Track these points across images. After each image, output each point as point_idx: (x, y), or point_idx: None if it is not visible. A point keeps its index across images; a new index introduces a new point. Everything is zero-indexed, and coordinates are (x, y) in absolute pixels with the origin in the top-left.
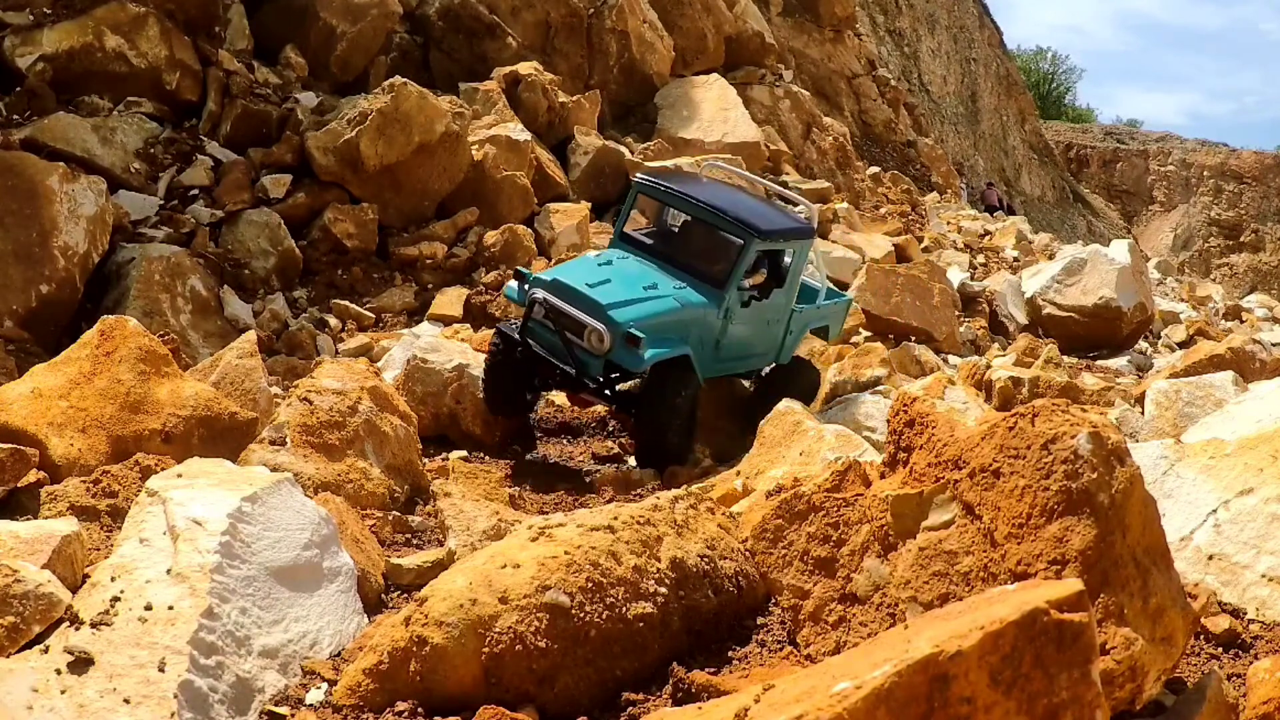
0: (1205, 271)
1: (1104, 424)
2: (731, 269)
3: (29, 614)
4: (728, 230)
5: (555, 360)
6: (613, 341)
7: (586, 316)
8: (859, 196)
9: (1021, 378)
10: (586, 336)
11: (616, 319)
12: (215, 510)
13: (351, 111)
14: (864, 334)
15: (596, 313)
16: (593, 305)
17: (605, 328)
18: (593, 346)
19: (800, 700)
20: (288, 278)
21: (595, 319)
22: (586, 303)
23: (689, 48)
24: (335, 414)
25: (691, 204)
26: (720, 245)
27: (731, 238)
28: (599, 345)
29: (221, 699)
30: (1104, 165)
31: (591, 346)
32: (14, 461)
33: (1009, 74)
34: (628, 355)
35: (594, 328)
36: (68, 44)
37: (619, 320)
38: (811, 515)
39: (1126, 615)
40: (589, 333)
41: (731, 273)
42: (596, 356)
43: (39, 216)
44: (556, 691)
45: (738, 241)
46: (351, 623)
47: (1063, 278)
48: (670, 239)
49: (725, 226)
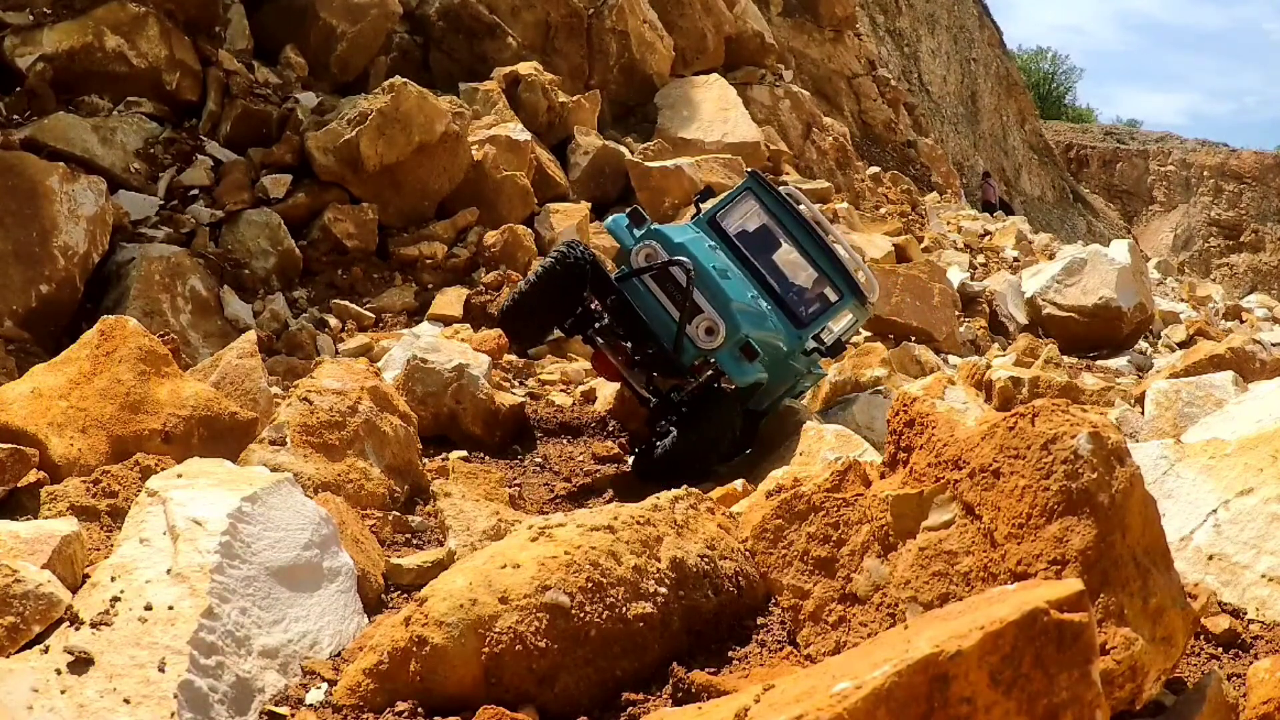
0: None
1: (1104, 424)
2: (821, 317)
3: (29, 614)
4: (833, 277)
5: (649, 326)
6: (724, 343)
7: (708, 305)
8: (859, 196)
9: (1021, 378)
10: (697, 323)
11: (740, 323)
12: (215, 510)
13: (351, 111)
14: (864, 334)
15: (722, 306)
16: (720, 296)
17: (725, 325)
18: (697, 336)
19: (800, 700)
20: (288, 278)
21: (718, 312)
22: (712, 290)
23: (689, 48)
24: (335, 414)
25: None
26: (817, 287)
27: (833, 286)
28: (706, 339)
29: (221, 699)
30: (1104, 165)
31: (696, 335)
32: (14, 461)
33: (1009, 74)
34: (734, 363)
35: (713, 321)
36: (68, 44)
37: (740, 324)
38: (811, 515)
39: (1126, 615)
40: (702, 321)
41: (819, 320)
42: (697, 348)
43: (39, 216)
44: (556, 691)
45: (836, 296)
46: (351, 623)
47: (1063, 278)
48: (761, 249)
49: (830, 273)
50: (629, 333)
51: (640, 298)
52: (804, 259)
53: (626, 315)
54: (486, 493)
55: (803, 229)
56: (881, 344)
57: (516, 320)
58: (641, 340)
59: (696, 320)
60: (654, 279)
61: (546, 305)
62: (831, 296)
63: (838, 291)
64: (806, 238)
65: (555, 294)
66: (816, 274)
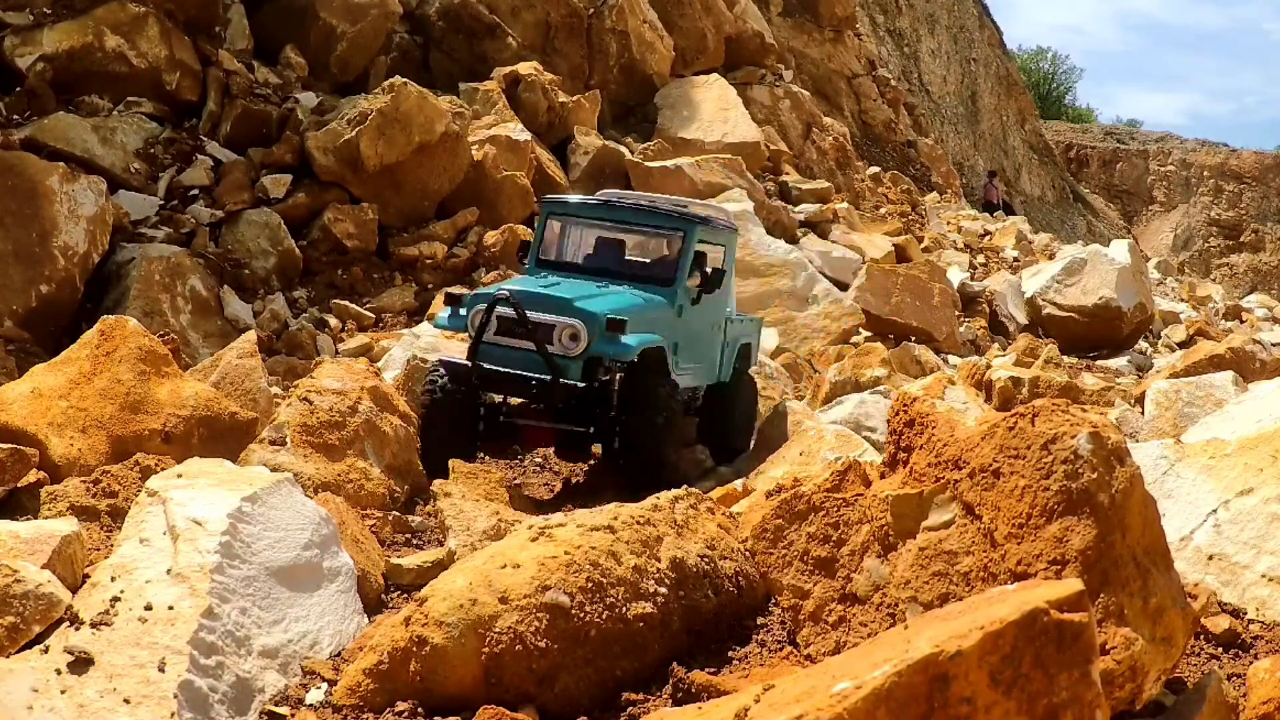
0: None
1: (1104, 424)
2: (677, 262)
3: (29, 614)
4: (665, 225)
5: (526, 373)
6: (590, 335)
7: (555, 316)
8: (859, 196)
9: (1021, 378)
10: (557, 337)
11: (590, 309)
12: (215, 510)
13: (351, 111)
14: (864, 334)
15: (565, 309)
16: (558, 303)
17: (579, 321)
18: (565, 347)
19: (800, 700)
20: (288, 278)
21: (565, 316)
22: (549, 303)
23: (689, 48)
24: (335, 414)
25: (619, 210)
26: (658, 243)
27: (671, 231)
28: (572, 345)
29: (221, 699)
30: (1104, 165)
31: (564, 348)
32: (14, 461)
33: (1009, 74)
34: (611, 344)
35: (565, 324)
36: (68, 44)
37: (593, 310)
38: (811, 515)
39: (1126, 615)
40: (560, 331)
41: (678, 265)
42: (572, 359)
43: (39, 216)
44: (556, 691)
45: (678, 233)
46: (351, 623)
47: (1063, 278)
48: (594, 255)
49: (662, 223)
50: (509, 393)
51: (499, 358)
52: (640, 234)
53: (498, 380)
54: (486, 493)
55: (623, 211)
56: (881, 344)
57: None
58: (522, 390)
59: (556, 334)
60: (503, 333)
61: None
62: (675, 242)
63: (678, 232)
64: (631, 215)
65: (454, 419)
66: (654, 234)
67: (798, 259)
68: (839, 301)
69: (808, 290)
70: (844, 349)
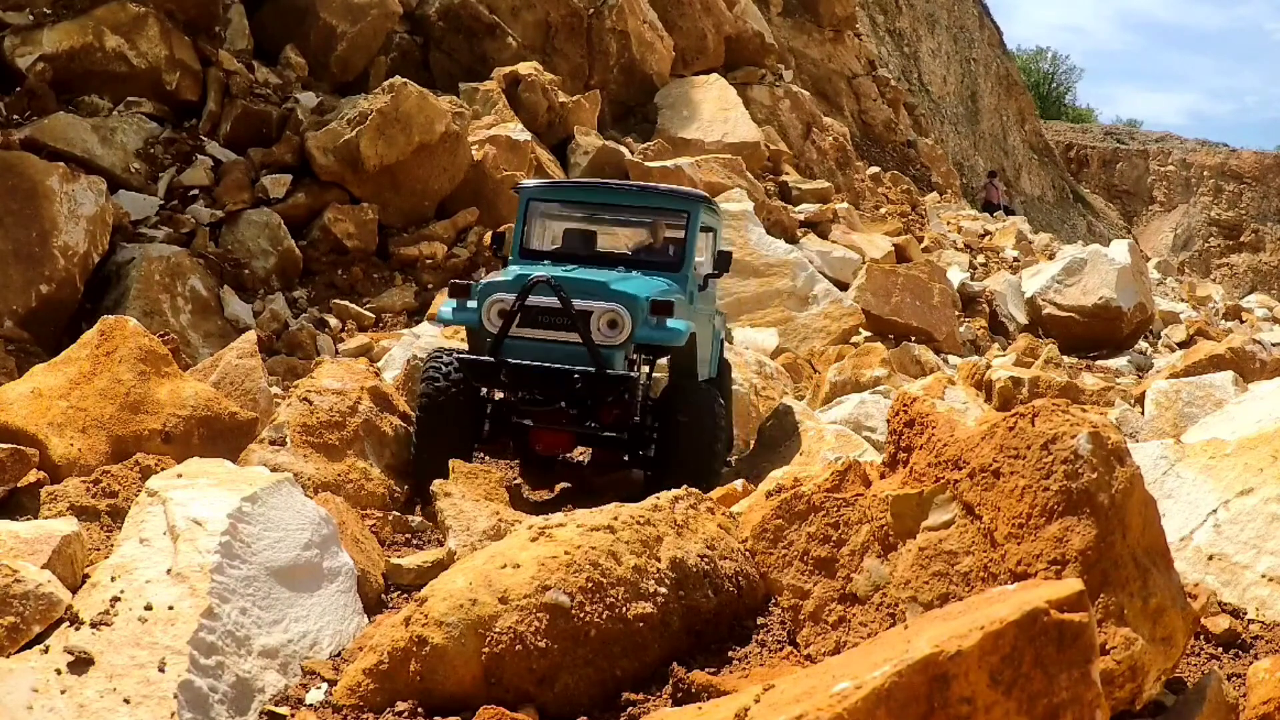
0: (1205, 271)
1: (1104, 424)
2: (684, 244)
3: (29, 614)
4: (666, 205)
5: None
6: (633, 320)
7: (591, 301)
8: (859, 196)
9: (1021, 378)
10: (595, 325)
11: (629, 291)
12: (215, 510)
13: (351, 111)
14: (864, 334)
15: (602, 293)
16: (593, 287)
17: (620, 306)
18: (605, 336)
19: (800, 700)
20: (288, 278)
21: (602, 300)
22: (582, 288)
23: (689, 48)
24: (335, 414)
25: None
26: (657, 225)
27: (673, 212)
28: (612, 333)
29: (221, 699)
30: (1104, 165)
31: (604, 336)
32: (14, 461)
33: (1009, 74)
34: (659, 330)
35: (604, 310)
36: (68, 44)
37: (633, 292)
38: (811, 515)
39: (1126, 615)
40: (599, 318)
41: (686, 248)
42: (615, 347)
43: (39, 216)
44: (556, 691)
45: (682, 213)
46: (351, 623)
47: (1063, 278)
48: (585, 242)
49: (662, 203)
50: (545, 391)
51: (527, 351)
52: (638, 216)
53: (530, 377)
54: (486, 493)
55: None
56: (881, 344)
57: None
58: (558, 387)
59: (593, 322)
60: (527, 324)
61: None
62: (678, 224)
63: (681, 213)
64: (627, 196)
65: (459, 423)
66: (651, 219)
67: (798, 259)
68: (839, 301)
69: (808, 290)
70: (844, 349)
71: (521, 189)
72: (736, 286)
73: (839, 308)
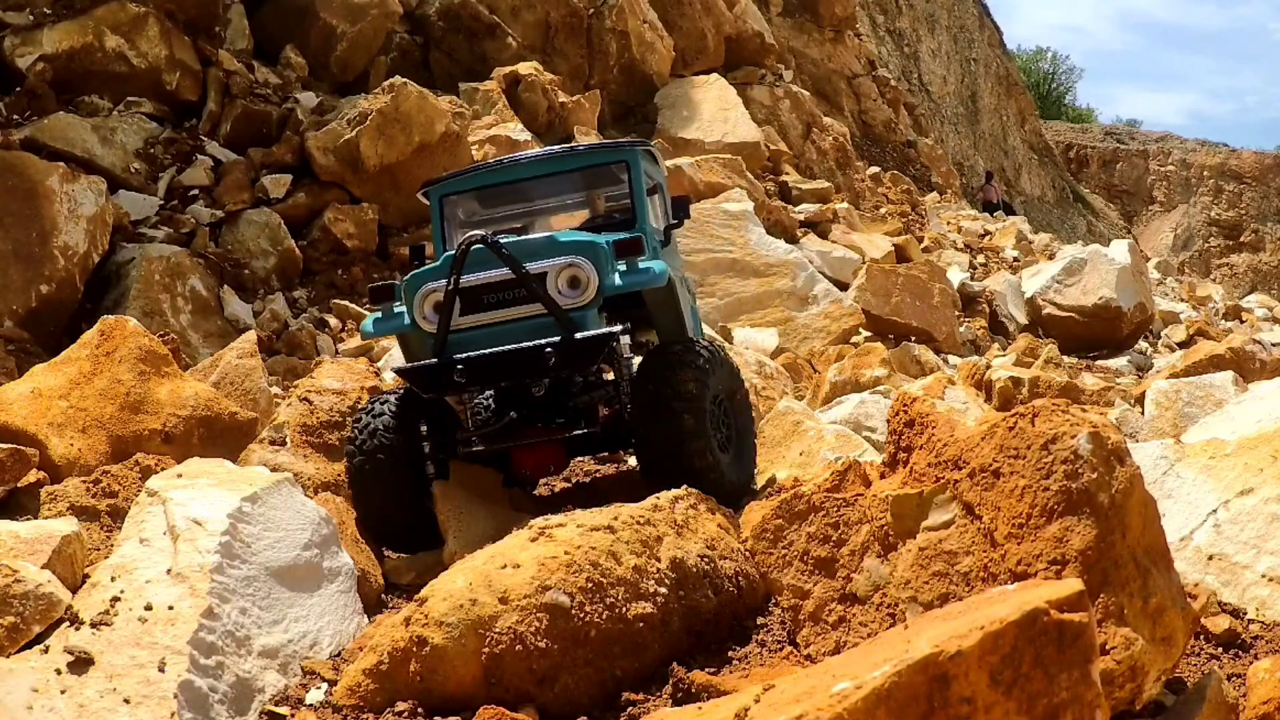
0: (1205, 271)
1: (1104, 424)
2: (633, 197)
3: (29, 614)
4: (599, 160)
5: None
6: (598, 270)
7: (543, 261)
8: (859, 196)
9: (1021, 378)
10: (553, 285)
11: (586, 240)
12: (215, 510)
13: (351, 111)
14: (864, 334)
15: (552, 249)
16: (540, 245)
17: (578, 257)
18: (568, 297)
19: (800, 700)
20: (288, 278)
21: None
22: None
23: (689, 48)
24: (335, 414)
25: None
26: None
27: (609, 164)
28: (575, 292)
29: (221, 699)
30: (1104, 165)
31: (568, 298)
32: (14, 461)
33: (1009, 74)
34: (633, 272)
35: (561, 266)
36: (68, 44)
37: (590, 240)
38: (811, 515)
39: (1126, 615)
40: (556, 276)
41: (635, 199)
42: (583, 307)
43: (39, 216)
44: (556, 691)
45: (621, 163)
46: (351, 623)
47: (1063, 278)
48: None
49: (595, 159)
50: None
51: (477, 343)
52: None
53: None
54: (486, 493)
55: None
56: (881, 344)
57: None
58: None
59: (551, 283)
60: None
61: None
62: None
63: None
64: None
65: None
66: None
67: (798, 259)
68: (839, 301)
69: (808, 290)
70: (844, 349)
71: (429, 189)
72: (736, 286)
73: (839, 308)
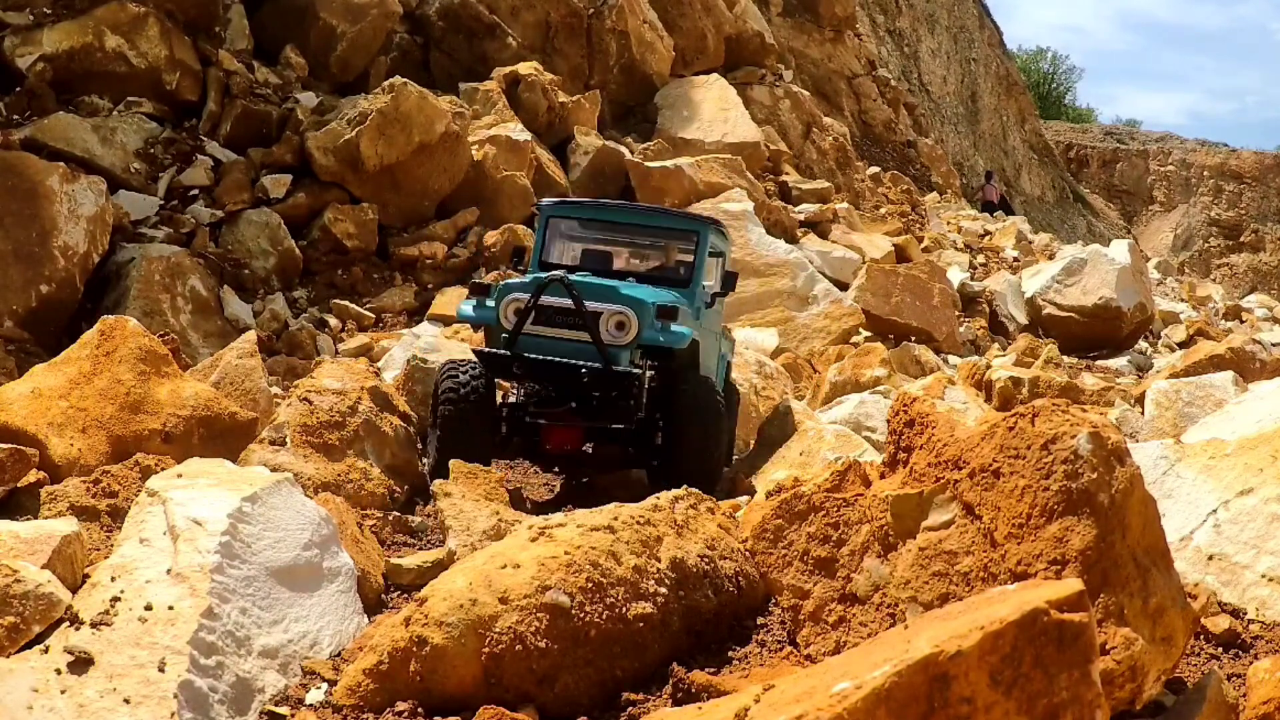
0: (1205, 271)
1: (1104, 424)
2: (694, 262)
3: (29, 614)
4: (677, 227)
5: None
6: (640, 323)
7: (601, 303)
8: (859, 196)
9: (1021, 378)
10: (604, 325)
11: (637, 296)
12: (215, 510)
13: (351, 111)
14: (864, 334)
15: (611, 296)
16: (604, 290)
17: (628, 309)
18: (613, 336)
19: (800, 700)
20: (288, 278)
21: (612, 303)
22: (594, 291)
23: (689, 48)
24: (335, 414)
25: (629, 211)
26: (668, 246)
27: (683, 233)
28: (619, 333)
29: (221, 699)
30: (1104, 165)
31: (611, 336)
32: (14, 461)
33: (1009, 74)
34: (664, 331)
35: (613, 311)
36: (68, 44)
37: (640, 297)
38: (811, 515)
39: (1126, 615)
40: (607, 319)
41: (695, 267)
42: (621, 347)
43: (39, 216)
44: (556, 691)
45: (691, 234)
46: (351, 623)
47: (1063, 278)
48: (600, 258)
49: (674, 224)
50: (554, 382)
51: (539, 347)
52: (650, 236)
53: (542, 370)
54: (486, 493)
55: (632, 212)
56: (881, 344)
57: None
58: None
59: (602, 322)
60: (541, 322)
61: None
62: (688, 244)
63: (691, 234)
64: (641, 216)
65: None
66: (664, 236)
67: (798, 259)
68: (839, 301)
69: (808, 290)
70: (844, 349)
71: (541, 207)
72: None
73: (839, 308)
